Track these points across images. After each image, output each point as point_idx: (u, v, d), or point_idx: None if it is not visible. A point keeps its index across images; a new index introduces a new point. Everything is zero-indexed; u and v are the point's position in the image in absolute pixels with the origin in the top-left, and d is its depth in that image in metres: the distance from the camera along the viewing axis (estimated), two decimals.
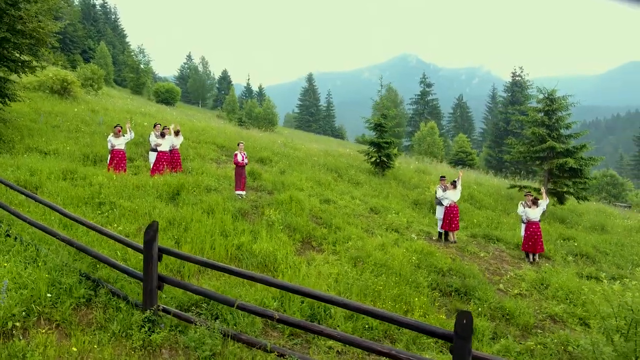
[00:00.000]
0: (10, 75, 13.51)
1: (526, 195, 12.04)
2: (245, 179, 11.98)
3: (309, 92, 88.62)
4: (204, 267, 6.59)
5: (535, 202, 11.60)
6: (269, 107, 54.06)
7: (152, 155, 13.34)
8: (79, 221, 6.24)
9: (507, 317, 7.53)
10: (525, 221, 11.60)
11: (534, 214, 11.46)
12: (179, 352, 4.79)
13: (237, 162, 11.91)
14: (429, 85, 71.66)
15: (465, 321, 3.68)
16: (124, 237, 5.91)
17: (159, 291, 5.29)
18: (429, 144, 41.44)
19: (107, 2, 76.28)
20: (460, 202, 13.53)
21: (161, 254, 5.34)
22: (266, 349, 4.70)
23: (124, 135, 12.49)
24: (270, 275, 7.51)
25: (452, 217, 11.68)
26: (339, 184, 16.16)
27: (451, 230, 11.77)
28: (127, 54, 59.40)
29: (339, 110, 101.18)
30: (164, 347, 4.83)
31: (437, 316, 6.85)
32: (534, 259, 11.22)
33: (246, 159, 12.19)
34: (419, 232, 12.15)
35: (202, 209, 9.60)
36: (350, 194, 14.49)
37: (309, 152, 21.99)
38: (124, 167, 12.33)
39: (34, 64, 13.71)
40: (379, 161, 20.20)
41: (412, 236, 11.41)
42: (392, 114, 27.70)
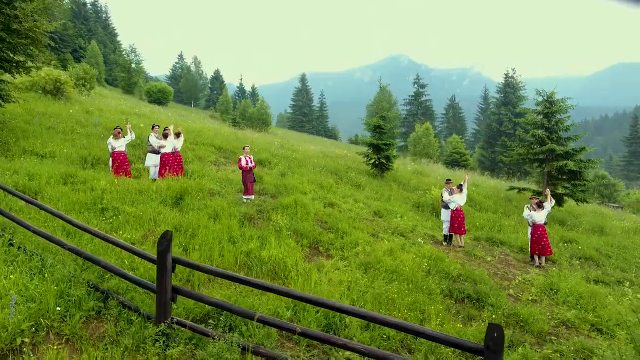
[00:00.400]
0: (2, 75, 13.13)
1: (531, 198, 12.00)
2: (251, 183, 11.65)
3: (302, 92, 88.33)
4: (214, 276, 6.39)
5: (540, 205, 11.57)
6: (263, 108, 53.52)
7: (150, 157, 12.82)
8: (84, 229, 5.98)
9: (521, 323, 7.42)
10: (531, 224, 11.57)
11: (539, 216, 11.43)
12: None
13: (241, 167, 11.62)
14: (423, 86, 71.56)
15: (496, 334, 3.69)
16: (134, 246, 5.68)
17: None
18: (424, 145, 41.32)
19: (97, 1, 75.38)
20: None
21: (174, 265, 5.14)
22: None
23: (124, 136, 12.20)
24: (280, 282, 7.33)
25: (460, 221, 11.61)
26: (340, 186, 16.00)
27: (460, 234, 11.69)
28: (118, 53, 58.70)
29: (331, 110, 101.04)
30: None
31: (454, 325, 6.71)
32: (540, 263, 11.17)
33: (252, 162, 11.78)
34: (424, 236, 12.04)
35: (208, 214, 9.36)
36: (352, 197, 14.33)
37: (307, 154, 21.83)
38: (127, 170, 12.03)
39: (29, 64, 13.34)
40: (378, 163, 20.11)
41: (418, 240, 11.31)
42: (391, 115, 27.64)
